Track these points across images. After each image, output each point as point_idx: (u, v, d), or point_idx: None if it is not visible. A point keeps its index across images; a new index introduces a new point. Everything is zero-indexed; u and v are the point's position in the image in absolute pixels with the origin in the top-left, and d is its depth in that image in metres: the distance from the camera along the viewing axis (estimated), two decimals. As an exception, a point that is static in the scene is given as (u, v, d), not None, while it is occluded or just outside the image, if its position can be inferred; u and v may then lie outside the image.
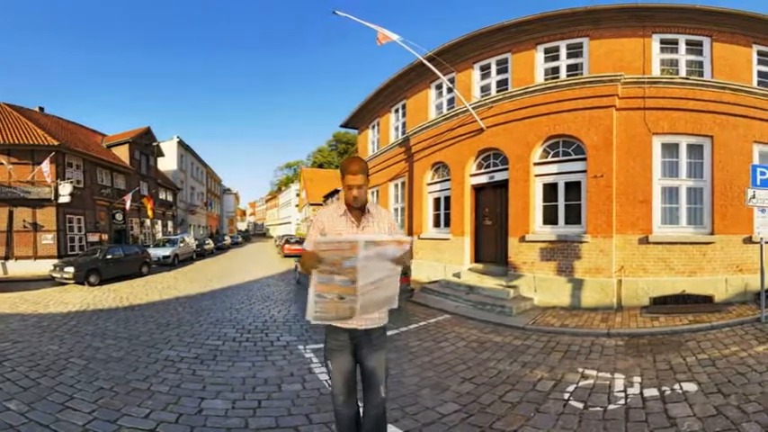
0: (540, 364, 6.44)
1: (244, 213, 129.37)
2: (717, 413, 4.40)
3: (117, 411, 4.66)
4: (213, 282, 17.86)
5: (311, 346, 7.50)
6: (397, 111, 18.65)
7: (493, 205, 13.19)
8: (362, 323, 3.14)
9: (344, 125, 23.87)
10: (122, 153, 31.94)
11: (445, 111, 14.99)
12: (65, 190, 22.27)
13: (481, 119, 12.66)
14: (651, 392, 5.11)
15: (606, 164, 10.61)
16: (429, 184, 15.91)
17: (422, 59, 12.52)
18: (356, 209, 3.27)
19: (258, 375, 6.03)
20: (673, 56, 11.13)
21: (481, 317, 9.70)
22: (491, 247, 13.27)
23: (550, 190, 11.74)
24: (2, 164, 21.01)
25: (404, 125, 17.75)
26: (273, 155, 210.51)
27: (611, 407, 4.77)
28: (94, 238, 25.47)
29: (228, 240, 52.29)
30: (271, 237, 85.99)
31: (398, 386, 5.47)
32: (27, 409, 4.66)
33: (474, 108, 12.70)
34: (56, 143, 22.31)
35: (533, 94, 11.71)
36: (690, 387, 5.17)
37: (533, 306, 10.62)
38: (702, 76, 10.86)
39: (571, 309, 10.30)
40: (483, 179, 13.47)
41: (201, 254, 34.08)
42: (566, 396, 5.13)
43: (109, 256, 18.24)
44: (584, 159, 11.05)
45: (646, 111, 10.63)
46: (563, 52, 12.03)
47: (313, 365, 6.44)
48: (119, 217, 29.15)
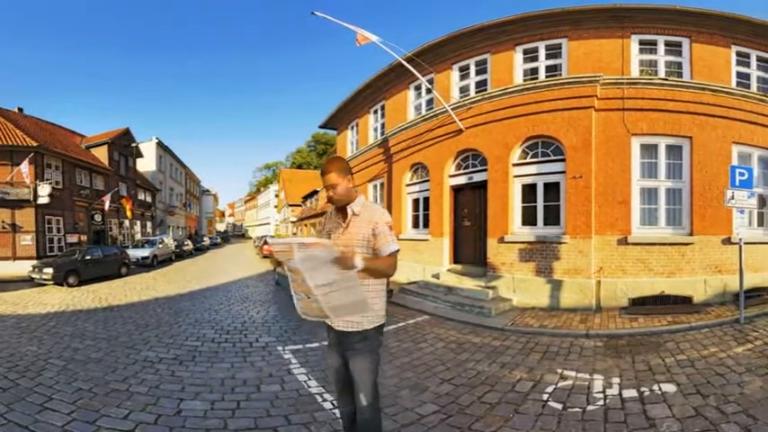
0: (519, 365, 6.42)
1: (223, 214, 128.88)
2: (696, 414, 4.41)
3: (96, 412, 4.67)
4: (192, 283, 17.82)
5: (290, 347, 7.50)
6: (376, 112, 18.54)
7: (472, 206, 13.10)
8: (340, 324, 3.16)
9: (323, 126, 23.71)
10: (101, 154, 31.94)
11: (424, 112, 14.90)
12: (44, 191, 22.30)
13: (460, 120, 12.59)
14: (630, 393, 5.11)
15: (585, 165, 10.57)
16: (408, 185, 15.79)
17: (401, 60, 12.41)
18: (340, 208, 3.27)
19: (237, 376, 6.03)
20: (652, 57, 11.15)
21: (460, 318, 9.65)
22: (470, 248, 13.17)
23: (529, 191, 11.67)
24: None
25: (383, 126, 17.63)
26: (252, 155, 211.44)
27: (590, 408, 4.77)
28: (73, 239, 25.46)
29: (207, 241, 52.88)
30: (250, 238, 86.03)
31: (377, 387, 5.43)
32: (5, 410, 4.66)
33: (453, 109, 12.63)
34: (35, 144, 22.31)
35: (512, 95, 11.64)
36: (669, 388, 5.17)
37: (512, 307, 10.55)
38: (681, 77, 10.90)
39: (550, 310, 10.24)
40: (462, 180, 13.38)
41: (180, 255, 34.28)
42: (545, 397, 5.12)
43: (88, 257, 18.31)
44: (563, 160, 11.00)
45: (625, 111, 10.61)
46: (542, 53, 11.99)
47: (292, 366, 6.44)
48: (98, 218, 29.24)
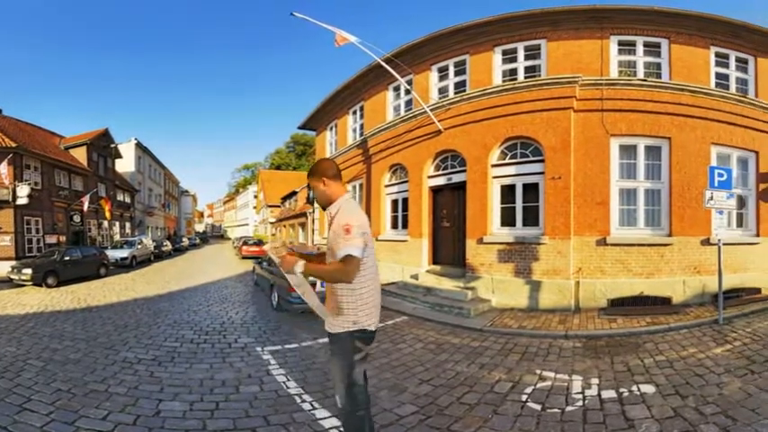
0: (498, 366, 6.39)
1: (201, 215, 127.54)
2: (675, 415, 4.40)
3: (75, 413, 4.64)
4: (171, 283, 17.70)
5: (269, 348, 7.49)
6: (355, 112, 18.41)
7: (451, 207, 12.98)
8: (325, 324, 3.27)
9: (302, 127, 23.56)
10: (80, 155, 31.70)
11: (403, 113, 14.76)
12: (22, 192, 22.25)
13: (439, 120, 12.48)
14: (609, 394, 5.08)
15: (564, 165, 10.52)
16: (387, 186, 15.63)
17: (379, 61, 12.30)
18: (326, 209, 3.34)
19: (216, 377, 6.00)
20: (631, 57, 11.16)
21: (439, 318, 9.58)
22: (449, 249, 13.05)
23: (508, 192, 11.58)
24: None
25: (362, 127, 17.48)
26: (231, 156, 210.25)
27: (568, 408, 4.75)
28: (52, 240, 25.24)
29: (186, 242, 52.64)
30: (229, 238, 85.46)
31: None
32: (-15, 411, 4.59)
33: (432, 110, 12.53)
34: (14, 145, 22.16)
35: (491, 96, 11.56)
36: (648, 389, 5.15)
37: (491, 308, 10.46)
38: (660, 78, 10.92)
39: (529, 310, 10.16)
40: (441, 181, 13.26)
41: (159, 255, 34.11)
42: (523, 398, 5.10)
43: (67, 258, 18.19)
44: (542, 161, 10.94)
45: (604, 112, 10.58)
46: (521, 54, 11.94)
47: (271, 367, 6.42)
48: (76, 218, 29.11)
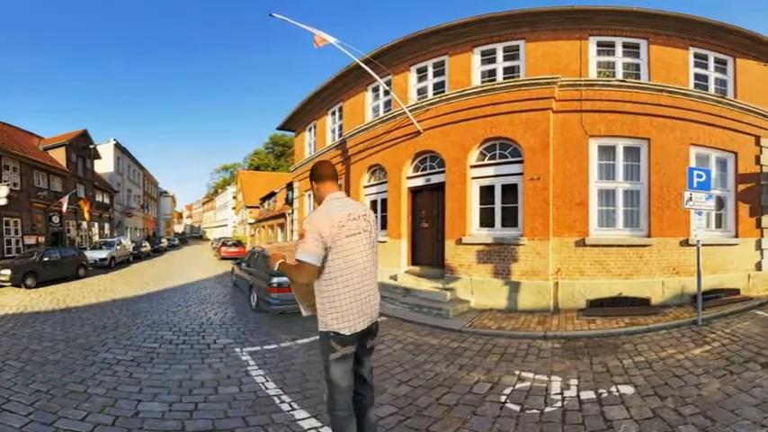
0: (477, 367, 6.34)
1: (180, 216, 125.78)
2: (654, 416, 4.39)
3: (54, 414, 4.62)
4: (150, 284, 17.61)
5: (248, 349, 7.45)
6: (334, 113, 18.28)
7: (430, 208, 12.88)
8: None
9: (281, 127, 23.36)
10: (59, 156, 31.65)
11: (382, 113, 14.64)
12: (1, 192, 22.18)
13: (418, 121, 12.38)
14: (588, 395, 5.04)
15: (543, 166, 10.47)
16: (366, 187, 15.46)
17: (358, 62, 12.19)
18: None
19: (195, 378, 5.96)
20: (610, 58, 11.17)
21: (418, 319, 9.48)
22: (428, 250, 12.94)
23: (487, 192, 11.51)
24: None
25: (341, 128, 17.35)
26: (210, 157, 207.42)
27: (547, 409, 4.72)
28: (31, 241, 25.24)
29: (165, 243, 52.62)
30: (208, 239, 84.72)
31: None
32: (-37, 412, 4.54)
33: (410, 111, 12.42)
34: None
35: (470, 97, 11.49)
36: (626, 390, 5.13)
37: (470, 308, 10.37)
38: (639, 79, 10.93)
39: (508, 311, 10.06)
40: (420, 182, 13.16)
41: (138, 256, 34.05)
42: (502, 399, 5.07)
43: (45, 259, 18.16)
44: (521, 162, 10.87)
45: (582, 113, 10.55)
46: (500, 55, 11.88)
47: (250, 368, 6.39)
48: (55, 219, 29.15)
